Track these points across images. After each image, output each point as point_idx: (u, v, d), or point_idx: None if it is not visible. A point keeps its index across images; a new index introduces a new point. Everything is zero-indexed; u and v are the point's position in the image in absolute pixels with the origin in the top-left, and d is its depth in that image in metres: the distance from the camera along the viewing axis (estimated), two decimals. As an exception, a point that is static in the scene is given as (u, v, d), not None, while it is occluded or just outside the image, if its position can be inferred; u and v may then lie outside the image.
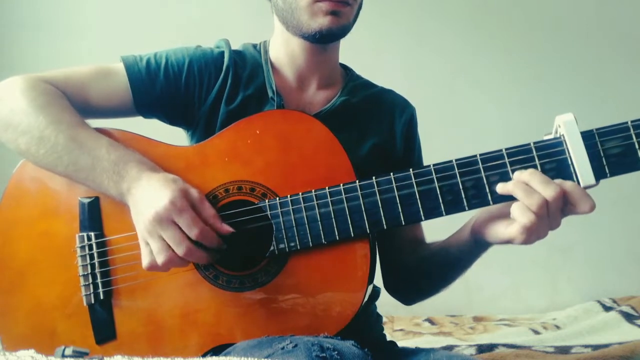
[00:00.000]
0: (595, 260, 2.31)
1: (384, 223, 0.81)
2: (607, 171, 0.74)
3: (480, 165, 0.78)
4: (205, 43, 1.04)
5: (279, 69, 1.02)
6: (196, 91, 0.98)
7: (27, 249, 0.91)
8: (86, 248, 0.89)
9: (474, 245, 0.87)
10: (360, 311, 0.82)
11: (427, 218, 0.80)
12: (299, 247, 0.83)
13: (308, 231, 0.83)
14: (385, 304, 1.10)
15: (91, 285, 0.88)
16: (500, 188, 0.76)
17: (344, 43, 1.02)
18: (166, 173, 0.84)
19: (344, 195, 0.82)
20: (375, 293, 1.07)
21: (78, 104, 0.92)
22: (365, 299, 0.84)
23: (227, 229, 0.82)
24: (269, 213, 0.84)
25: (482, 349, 1.51)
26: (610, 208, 2.13)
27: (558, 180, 0.74)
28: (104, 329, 0.88)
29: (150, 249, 0.80)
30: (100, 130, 0.90)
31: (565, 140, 0.75)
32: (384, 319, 1.20)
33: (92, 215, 0.89)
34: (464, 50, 2.42)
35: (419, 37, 2.44)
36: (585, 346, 1.55)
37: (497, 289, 2.30)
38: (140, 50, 1.00)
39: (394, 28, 2.42)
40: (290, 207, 0.83)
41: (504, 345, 1.55)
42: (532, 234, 0.74)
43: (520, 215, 0.74)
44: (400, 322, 2.06)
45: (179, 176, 0.84)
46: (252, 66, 1.02)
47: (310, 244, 0.83)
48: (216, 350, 0.84)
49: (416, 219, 0.80)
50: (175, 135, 1.02)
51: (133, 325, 0.87)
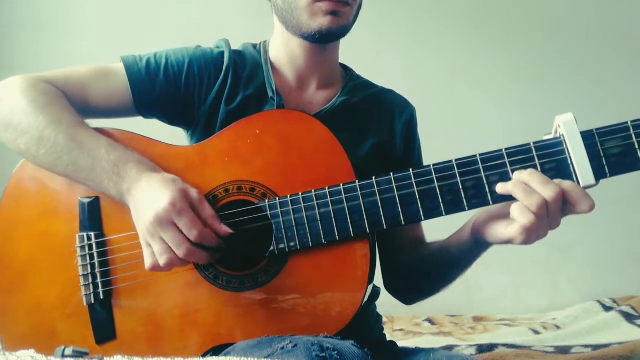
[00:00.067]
0: (595, 260, 2.31)
1: (384, 223, 0.81)
2: (607, 171, 0.74)
3: (480, 165, 0.78)
4: (205, 43, 1.04)
5: (279, 69, 1.02)
6: (196, 91, 0.98)
7: (27, 249, 0.91)
8: (86, 248, 0.89)
9: (474, 246, 0.87)
10: (360, 311, 0.82)
11: (427, 218, 0.80)
12: (298, 247, 0.83)
13: (308, 231, 0.83)
14: (385, 304, 1.10)
15: (91, 285, 0.88)
16: (500, 188, 0.76)
17: (344, 43, 1.02)
18: (166, 173, 0.85)
19: (344, 195, 0.82)
20: (375, 293, 1.07)
21: (78, 104, 0.92)
22: (365, 299, 0.84)
23: (226, 230, 0.82)
24: (268, 213, 0.84)
25: (482, 349, 1.51)
26: (610, 208, 2.13)
27: (557, 180, 0.74)
28: (104, 329, 0.88)
29: (152, 251, 0.81)
30: (99, 131, 0.90)
31: (565, 140, 0.75)
32: (384, 319, 1.20)
33: (92, 215, 0.89)
34: (464, 50, 2.42)
35: (419, 37, 2.44)
36: (585, 346, 1.54)
37: (497, 289, 2.30)
38: (140, 50, 1.00)
39: (394, 28, 2.42)
40: (290, 207, 0.83)
41: (504, 345, 1.55)
42: (532, 234, 0.74)
43: (520, 215, 0.74)
44: (400, 322, 2.05)
45: (178, 176, 0.84)
46: (252, 66, 1.02)
47: (310, 244, 0.82)
48: (216, 350, 0.84)
49: (416, 219, 0.80)
50: (175, 135, 1.02)
51: (133, 325, 0.87)
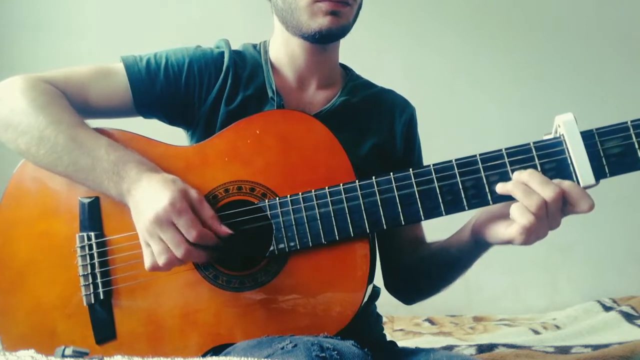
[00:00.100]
0: (595, 260, 2.31)
1: (384, 223, 0.81)
2: (607, 171, 0.74)
3: (480, 165, 0.78)
4: (205, 43, 1.04)
5: (279, 69, 1.02)
6: (196, 91, 0.98)
7: (27, 249, 0.91)
8: (86, 248, 0.89)
9: (474, 246, 0.87)
10: (360, 311, 0.82)
11: (427, 218, 0.80)
12: (298, 247, 0.83)
13: (308, 231, 0.83)
14: (385, 304, 1.10)
15: (91, 285, 0.88)
16: (500, 188, 0.76)
17: (344, 43, 1.02)
18: (166, 173, 0.84)
19: (343, 195, 0.82)
20: (375, 293, 1.07)
21: (78, 104, 0.92)
22: (365, 299, 0.84)
23: (226, 230, 0.82)
24: (268, 213, 0.84)
25: (482, 349, 1.51)
26: (610, 208, 2.12)
27: (557, 180, 0.74)
28: (104, 329, 0.88)
29: (152, 250, 0.81)
30: (100, 131, 0.90)
31: (565, 140, 0.75)
32: (384, 319, 1.20)
33: (92, 215, 0.89)
34: (464, 50, 2.42)
35: (419, 37, 2.44)
36: (585, 346, 1.55)
37: (497, 289, 2.30)
38: (140, 50, 1.00)
39: (394, 28, 2.42)
40: (290, 207, 0.83)
41: (504, 345, 1.55)
42: (532, 234, 0.74)
43: (520, 216, 0.74)
44: (400, 322, 2.05)
45: (178, 176, 0.84)
46: (252, 66, 1.02)
47: (310, 243, 0.82)
48: (216, 350, 0.84)
49: (416, 219, 0.80)
50: (175, 135, 1.02)
51: (133, 325, 0.87)
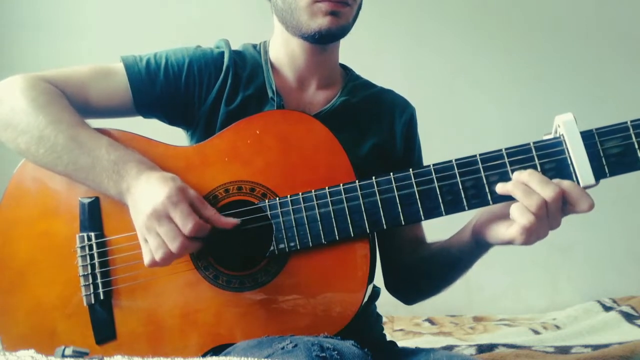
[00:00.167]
0: (595, 260, 2.31)
1: (384, 223, 0.81)
2: (607, 171, 0.74)
3: (480, 165, 0.78)
4: (205, 43, 1.04)
5: (278, 69, 1.02)
6: (196, 91, 0.98)
7: (27, 249, 0.91)
8: (86, 248, 0.89)
9: (474, 246, 0.87)
10: (360, 311, 0.82)
11: (427, 218, 0.80)
12: (298, 247, 0.83)
13: (308, 231, 0.83)
14: (385, 304, 1.10)
15: (91, 286, 0.88)
16: (500, 188, 0.76)
17: (344, 43, 1.02)
18: (165, 172, 0.84)
19: (343, 195, 0.82)
20: (375, 293, 1.07)
21: (78, 103, 0.92)
22: (365, 299, 0.84)
23: (232, 221, 0.82)
24: (268, 213, 0.84)
25: (482, 349, 1.51)
26: (610, 208, 2.12)
27: (557, 180, 0.74)
28: (104, 329, 0.88)
29: (150, 246, 0.80)
30: (100, 130, 0.90)
31: (564, 140, 0.75)
32: (384, 319, 1.20)
33: (92, 216, 0.89)
34: (464, 50, 2.42)
35: (419, 37, 2.44)
36: (585, 346, 1.55)
37: (497, 289, 2.30)
38: (140, 50, 1.00)
39: (394, 28, 2.42)
40: (290, 207, 0.83)
41: (504, 345, 1.55)
42: (532, 234, 0.74)
43: (520, 216, 0.74)
44: (400, 322, 2.05)
45: (178, 176, 0.84)
46: (252, 66, 1.02)
47: (310, 244, 0.82)
48: (216, 350, 0.84)
49: (416, 219, 0.80)
50: (175, 135, 1.02)
51: (133, 325, 0.87)
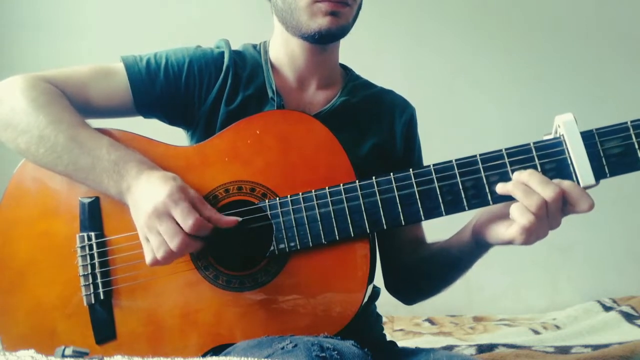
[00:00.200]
0: (595, 260, 2.31)
1: (384, 223, 0.81)
2: (607, 171, 0.74)
3: (480, 165, 0.78)
4: (205, 43, 1.04)
5: (278, 69, 1.02)
6: (196, 91, 0.98)
7: (27, 249, 0.91)
8: (86, 248, 0.89)
9: (474, 246, 0.87)
10: (360, 311, 0.82)
11: (427, 218, 0.80)
12: (299, 247, 0.83)
13: (308, 231, 0.83)
14: (385, 304, 1.10)
15: (91, 285, 0.88)
16: (500, 188, 0.76)
17: (344, 43, 1.02)
18: (166, 171, 0.84)
19: (344, 195, 0.82)
20: (375, 293, 1.07)
21: (78, 103, 0.92)
22: (365, 299, 0.84)
23: (232, 219, 0.82)
24: (269, 213, 0.84)
25: (482, 349, 1.51)
26: (610, 208, 2.12)
27: (557, 180, 0.74)
28: (104, 329, 0.88)
29: (151, 245, 0.80)
30: (101, 130, 0.90)
31: (565, 140, 0.75)
32: (384, 319, 1.20)
33: (93, 215, 0.89)
34: (464, 50, 2.42)
35: (419, 37, 2.44)
36: (585, 346, 1.55)
37: (497, 289, 2.30)
38: (140, 50, 1.00)
39: (394, 28, 2.42)
40: (290, 207, 0.83)
41: (504, 345, 1.55)
42: (532, 234, 0.74)
43: (520, 216, 0.74)
44: (400, 322, 2.05)
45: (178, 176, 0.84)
46: (252, 66, 1.02)
47: (310, 244, 0.82)
48: (216, 350, 0.84)
49: (416, 219, 0.80)
50: (175, 135, 1.02)
51: (133, 325, 0.87)
